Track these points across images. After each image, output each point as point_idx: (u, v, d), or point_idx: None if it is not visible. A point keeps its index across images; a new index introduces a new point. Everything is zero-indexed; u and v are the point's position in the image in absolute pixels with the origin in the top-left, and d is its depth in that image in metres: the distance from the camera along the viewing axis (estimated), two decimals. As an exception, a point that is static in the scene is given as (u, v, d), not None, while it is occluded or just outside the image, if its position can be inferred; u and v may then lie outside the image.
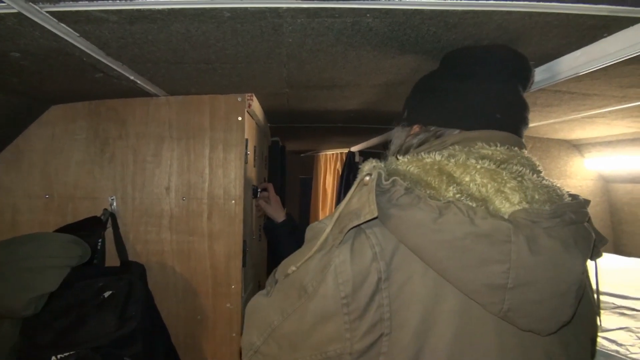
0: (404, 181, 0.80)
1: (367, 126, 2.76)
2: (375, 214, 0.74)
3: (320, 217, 5.53)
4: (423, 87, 1.07)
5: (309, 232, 0.90)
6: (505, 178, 0.81)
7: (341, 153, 4.94)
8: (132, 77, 1.36)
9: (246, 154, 1.74)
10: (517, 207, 0.78)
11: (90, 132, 1.68)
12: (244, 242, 1.73)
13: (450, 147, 0.90)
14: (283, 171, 3.89)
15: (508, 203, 0.79)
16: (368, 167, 0.83)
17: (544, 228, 0.76)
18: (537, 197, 0.80)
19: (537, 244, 0.74)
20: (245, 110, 1.71)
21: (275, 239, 1.95)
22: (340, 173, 4.65)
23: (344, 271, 0.78)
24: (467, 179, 0.81)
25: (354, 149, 4.53)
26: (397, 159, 0.89)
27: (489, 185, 0.80)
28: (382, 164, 0.84)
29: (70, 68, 1.24)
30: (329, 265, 0.80)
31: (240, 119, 1.70)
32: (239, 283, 1.71)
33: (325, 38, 1.05)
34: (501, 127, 0.93)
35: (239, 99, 1.70)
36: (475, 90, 0.95)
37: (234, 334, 1.70)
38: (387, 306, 0.78)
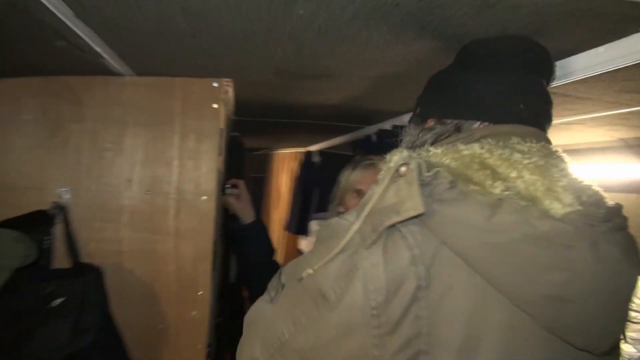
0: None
1: (339, 124, 2.65)
2: (422, 210, 0.65)
3: (273, 217, 5.37)
4: (439, 81, 0.99)
5: (325, 230, 0.78)
6: (556, 176, 0.73)
7: (297, 152, 4.81)
8: (98, 49, 1.17)
9: (221, 146, 1.57)
10: (569, 209, 0.70)
11: (41, 112, 1.46)
12: (215, 243, 1.56)
13: (483, 141, 0.80)
14: (242, 170, 3.70)
15: (559, 204, 0.70)
16: (399, 156, 0.72)
17: (603, 233, 0.69)
18: (585, 198, 0.73)
19: (600, 251, 0.67)
20: (222, 97, 1.54)
21: (244, 242, 1.79)
22: (297, 173, 4.51)
23: (376, 276, 0.68)
24: (514, 174, 0.72)
25: (312, 148, 4.41)
26: (429, 150, 0.79)
27: (539, 183, 0.72)
28: (415, 154, 0.74)
29: (25, 31, 1.03)
30: (355, 269, 0.69)
31: (215, 106, 1.53)
32: (207, 288, 1.54)
33: (341, 14, 0.92)
34: (528, 122, 0.86)
35: (215, 84, 1.53)
36: (498, 81, 0.88)
37: (199, 346, 1.53)
38: (425, 319, 0.68)
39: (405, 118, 2.17)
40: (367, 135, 2.66)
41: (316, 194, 4.34)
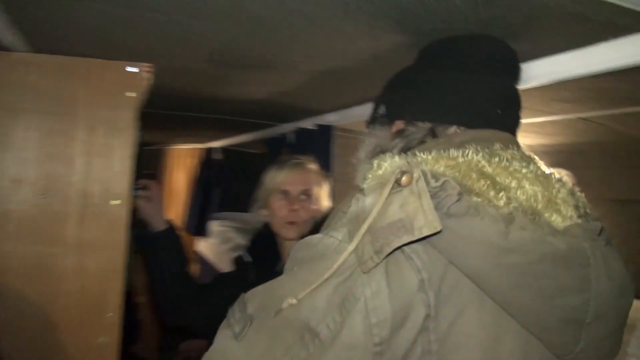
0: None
1: (253, 121, 2.49)
2: (439, 227, 0.56)
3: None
4: (408, 80, 0.90)
5: (306, 249, 0.66)
6: (557, 186, 0.69)
7: (196, 148, 4.52)
8: (-13, 13, 0.90)
9: (136, 141, 1.34)
10: (568, 222, 0.66)
11: None
12: (128, 256, 1.32)
13: (467, 146, 0.73)
14: (143, 168, 3.36)
15: (560, 217, 0.66)
16: (392, 163, 0.63)
17: (603, 247, 0.66)
18: (582, 210, 0.70)
19: (610, 268, 0.64)
20: (139, 84, 1.31)
21: (154, 252, 1.56)
22: (197, 171, 4.23)
23: (379, 307, 0.58)
24: (514, 184, 0.66)
25: (214, 145, 4.17)
26: (415, 155, 0.70)
27: (539, 195, 0.66)
28: (409, 159, 0.65)
29: None
30: (353, 299, 0.58)
31: (132, 95, 1.30)
32: (117, 310, 1.30)
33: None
34: (504, 127, 0.81)
35: (132, 69, 1.30)
36: (475, 84, 0.82)
37: (108, 378, 1.29)
38: (435, 354, 0.60)
39: (330, 117, 2.08)
40: (282, 134, 2.53)
41: (217, 193, 4.10)
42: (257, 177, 1.64)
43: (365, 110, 1.79)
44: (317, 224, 1.51)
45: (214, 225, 3.89)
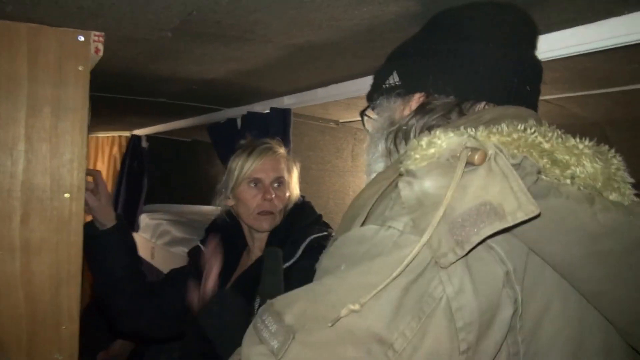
0: None
1: (195, 105, 2.30)
2: (537, 211, 0.49)
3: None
4: (425, 48, 0.80)
5: (357, 244, 0.56)
6: (616, 162, 0.63)
7: (120, 136, 4.18)
8: None
9: (87, 124, 1.15)
10: (627, 201, 0.61)
11: None
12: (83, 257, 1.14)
13: (503, 124, 0.64)
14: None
15: (619, 195, 0.61)
16: (450, 139, 0.54)
17: None
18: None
19: None
20: (90, 56, 1.13)
21: (102, 253, 1.38)
22: (122, 160, 3.91)
23: (465, 307, 0.50)
24: (573, 161, 0.60)
25: (139, 132, 3.87)
26: (466, 130, 0.60)
27: (599, 172, 0.60)
28: (468, 132, 0.57)
29: None
30: (432, 300, 0.50)
31: (81, 68, 1.11)
32: (75, 321, 1.12)
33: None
34: (530, 104, 0.75)
35: (81, 38, 1.11)
36: (504, 56, 0.75)
37: (66, 401, 1.11)
38: (522, 357, 0.54)
39: (288, 100, 1.97)
40: (229, 119, 2.37)
41: (145, 184, 3.82)
42: (187, 167, 1.49)
43: (330, 92, 1.71)
44: (289, 215, 1.41)
45: (145, 219, 3.62)
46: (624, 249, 0.54)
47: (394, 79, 0.81)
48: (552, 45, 1.07)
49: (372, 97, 0.85)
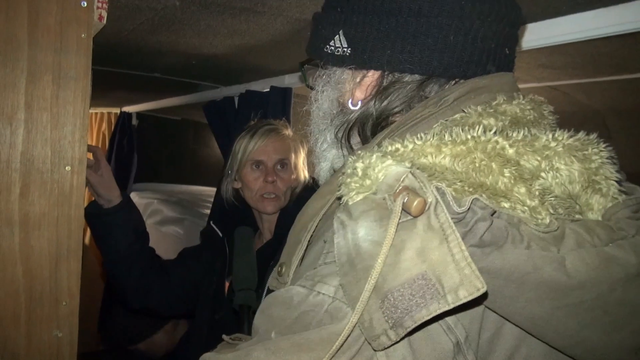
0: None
1: (194, 82, 2.25)
2: (483, 289, 0.41)
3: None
4: (373, 3, 0.61)
5: (285, 309, 0.49)
6: (596, 160, 0.53)
7: (109, 113, 4.08)
8: None
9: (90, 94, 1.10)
10: (610, 202, 0.53)
11: None
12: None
13: (466, 108, 0.56)
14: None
15: (602, 197, 0.53)
16: (388, 170, 0.46)
17: None
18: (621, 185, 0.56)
19: None
20: (94, 23, 1.08)
21: (106, 231, 1.35)
22: (110, 137, 3.83)
23: None
24: (544, 166, 0.51)
25: (129, 109, 3.79)
26: (405, 144, 0.50)
27: (577, 174, 0.51)
28: (404, 160, 0.48)
29: None
30: None
31: (84, 35, 1.06)
32: (75, 298, 1.08)
33: None
34: (508, 68, 0.63)
35: (84, 3, 1.06)
36: (474, 14, 0.59)
37: (65, 379, 1.08)
38: None
39: (289, 79, 1.93)
40: (226, 97, 2.32)
41: (135, 162, 3.75)
42: (176, 146, 1.46)
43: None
44: (298, 196, 1.39)
45: (135, 197, 3.56)
46: (598, 296, 0.46)
47: (341, 42, 0.63)
48: (571, 28, 1.05)
49: (312, 53, 0.69)
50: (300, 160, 1.43)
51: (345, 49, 0.62)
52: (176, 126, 4.08)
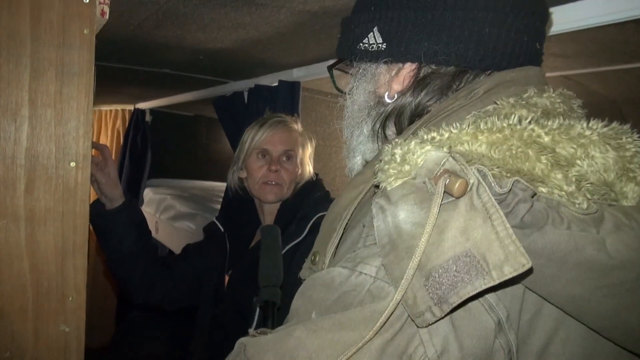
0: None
1: (203, 77, 2.25)
2: (529, 265, 0.41)
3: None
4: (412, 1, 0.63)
5: (325, 291, 0.50)
6: (630, 148, 0.53)
7: (123, 110, 4.12)
8: None
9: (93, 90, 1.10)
10: None
11: None
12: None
13: (499, 100, 0.57)
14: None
15: (637, 185, 0.53)
16: (428, 155, 0.46)
17: None
18: None
19: None
20: (96, 19, 1.07)
21: (108, 231, 1.35)
22: (125, 134, 3.86)
23: None
24: (580, 153, 0.51)
25: (142, 106, 3.81)
26: (442, 132, 0.51)
27: (612, 161, 0.51)
28: (443, 147, 0.49)
29: None
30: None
31: (86, 31, 1.06)
32: (81, 293, 1.09)
33: None
34: (537, 62, 0.65)
35: (86, 0, 1.05)
36: (507, 8, 0.61)
37: (73, 373, 1.09)
38: None
39: (297, 73, 1.91)
40: (236, 92, 2.32)
41: (149, 158, 3.77)
42: (189, 142, 1.47)
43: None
44: (300, 190, 1.38)
45: (149, 193, 3.59)
46: (638, 276, 0.47)
47: (376, 39, 0.65)
48: (583, 14, 1.02)
49: (344, 53, 0.71)
50: (307, 156, 1.42)
51: (381, 44, 0.65)
52: (189, 122, 4.11)
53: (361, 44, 0.66)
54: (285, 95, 1.96)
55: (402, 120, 0.65)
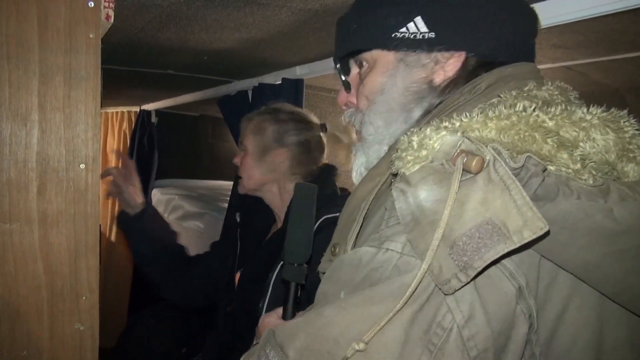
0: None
1: (208, 77, 2.27)
2: (546, 228, 0.44)
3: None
4: None
5: (353, 270, 0.52)
6: (629, 130, 0.56)
7: (129, 112, 4.15)
8: None
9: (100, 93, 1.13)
10: None
11: None
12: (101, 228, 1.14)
13: (503, 93, 0.60)
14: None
15: (636, 165, 0.56)
16: (444, 139, 0.49)
17: None
18: None
19: None
20: (101, 23, 1.10)
21: (135, 236, 1.42)
22: (132, 135, 3.89)
23: (478, 334, 0.46)
24: (582, 136, 0.54)
25: (148, 107, 3.84)
26: (452, 120, 0.54)
27: (612, 143, 0.54)
28: (458, 131, 0.52)
29: None
30: (441, 330, 0.47)
31: (92, 36, 1.08)
32: (95, 292, 1.12)
33: None
34: (531, 57, 0.71)
35: (91, 4, 1.08)
36: (516, 5, 0.69)
37: (88, 370, 1.12)
38: None
39: (300, 70, 1.93)
40: (240, 91, 2.34)
41: (156, 159, 3.80)
42: (195, 141, 1.50)
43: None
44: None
45: (157, 194, 3.62)
46: None
47: (419, 28, 0.65)
48: (580, 5, 1.03)
49: (370, 43, 0.70)
50: (256, 146, 1.36)
51: (426, 33, 0.65)
52: (195, 122, 4.13)
53: (397, 33, 0.66)
54: (289, 93, 1.97)
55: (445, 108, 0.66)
